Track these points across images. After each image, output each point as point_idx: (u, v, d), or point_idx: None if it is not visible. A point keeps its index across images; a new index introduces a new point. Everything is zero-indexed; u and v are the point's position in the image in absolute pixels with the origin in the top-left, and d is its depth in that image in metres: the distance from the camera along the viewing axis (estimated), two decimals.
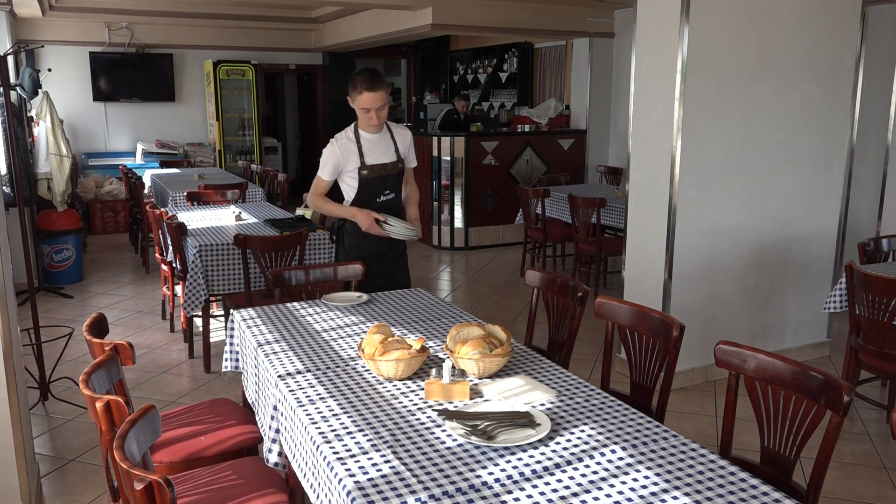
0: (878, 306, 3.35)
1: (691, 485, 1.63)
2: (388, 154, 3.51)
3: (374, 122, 3.40)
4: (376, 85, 3.31)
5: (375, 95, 3.31)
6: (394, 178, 3.53)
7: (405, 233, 3.43)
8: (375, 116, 3.37)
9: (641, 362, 2.57)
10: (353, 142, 3.46)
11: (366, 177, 3.46)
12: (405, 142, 3.58)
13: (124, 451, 1.54)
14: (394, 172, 3.52)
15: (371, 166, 3.46)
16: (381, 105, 3.35)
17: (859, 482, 3.27)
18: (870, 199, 5.89)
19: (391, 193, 3.55)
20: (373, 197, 3.50)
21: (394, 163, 3.52)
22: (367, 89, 3.31)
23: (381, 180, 3.49)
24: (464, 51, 11.45)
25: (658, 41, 4.10)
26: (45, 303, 5.95)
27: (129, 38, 9.68)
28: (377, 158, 3.48)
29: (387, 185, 3.52)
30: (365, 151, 3.46)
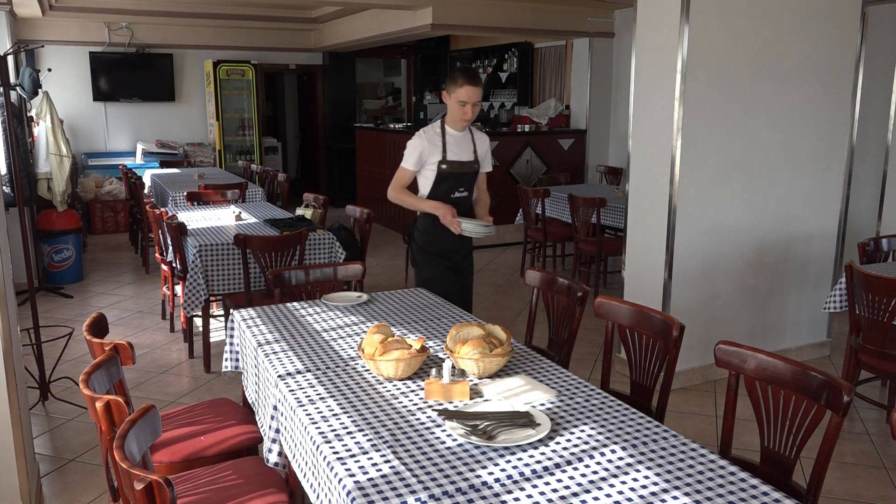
0: (878, 306, 3.35)
1: (691, 485, 1.63)
2: (468, 153, 3.60)
3: (467, 117, 3.46)
4: (476, 80, 3.41)
5: (474, 90, 3.40)
6: (469, 178, 3.62)
7: (480, 230, 3.48)
8: (470, 111, 3.44)
9: (641, 362, 2.57)
10: (438, 135, 3.56)
11: (445, 171, 3.54)
12: (483, 145, 3.68)
13: (124, 451, 1.54)
14: (470, 172, 3.61)
15: (451, 162, 3.54)
16: (476, 100, 3.43)
17: (859, 482, 3.27)
18: (870, 198, 5.89)
19: (464, 192, 3.63)
20: (447, 192, 3.58)
21: (471, 162, 3.60)
22: (468, 83, 3.40)
23: (457, 177, 3.57)
24: (464, 51, 11.45)
25: (658, 41, 4.10)
26: (45, 303, 5.95)
27: (129, 38, 9.68)
28: (457, 155, 3.56)
29: (462, 183, 3.61)
30: (448, 147, 3.54)
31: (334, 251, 4.63)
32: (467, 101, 3.42)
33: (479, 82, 3.44)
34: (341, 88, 11.32)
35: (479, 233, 3.49)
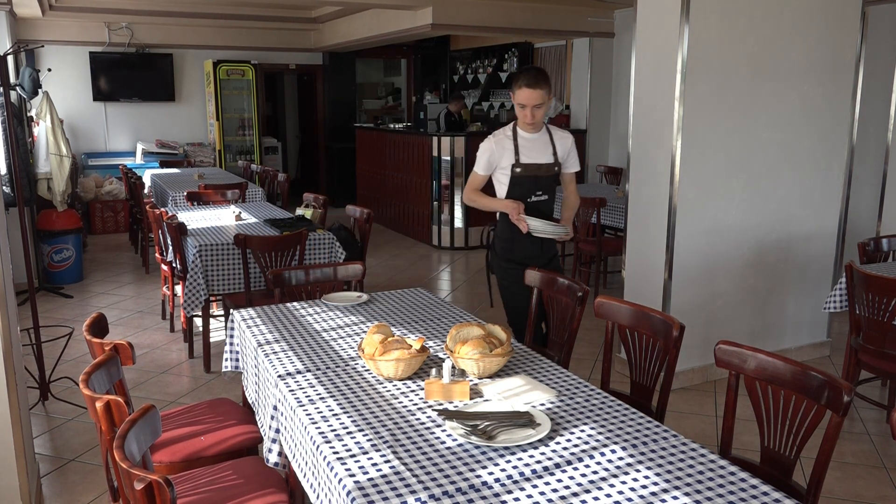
0: (878, 306, 3.35)
1: (691, 485, 1.63)
2: (545, 155, 3.46)
3: (528, 120, 3.35)
4: (536, 83, 3.28)
5: (533, 93, 3.28)
6: (548, 181, 3.48)
7: (548, 229, 3.33)
8: (530, 114, 3.32)
9: (641, 362, 2.57)
10: (510, 139, 3.44)
11: (518, 175, 3.42)
12: (565, 145, 3.51)
13: (124, 451, 1.54)
14: (548, 174, 3.47)
15: (525, 164, 3.42)
16: (537, 103, 3.30)
17: (859, 482, 3.27)
18: (870, 198, 5.89)
19: (543, 195, 3.49)
20: (524, 196, 3.45)
21: (549, 164, 3.46)
22: (526, 85, 3.29)
23: (533, 180, 3.45)
24: (464, 51, 11.45)
25: (658, 41, 4.10)
26: (45, 303, 5.94)
27: (129, 37, 9.68)
28: (532, 158, 3.43)
29: (539, 186, 3.47)
30: (521, 149, 3.42)
31: (334, 251, 4.63)
32: (526, 103, 3.31)
33: (540, 84, 3.29)
34: (341, 88, 11.32)
35: (548, 232, 3.33)
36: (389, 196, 9.41)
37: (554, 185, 3.53)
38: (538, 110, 3.33)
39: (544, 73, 3.35)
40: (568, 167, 3.57)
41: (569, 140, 3.54)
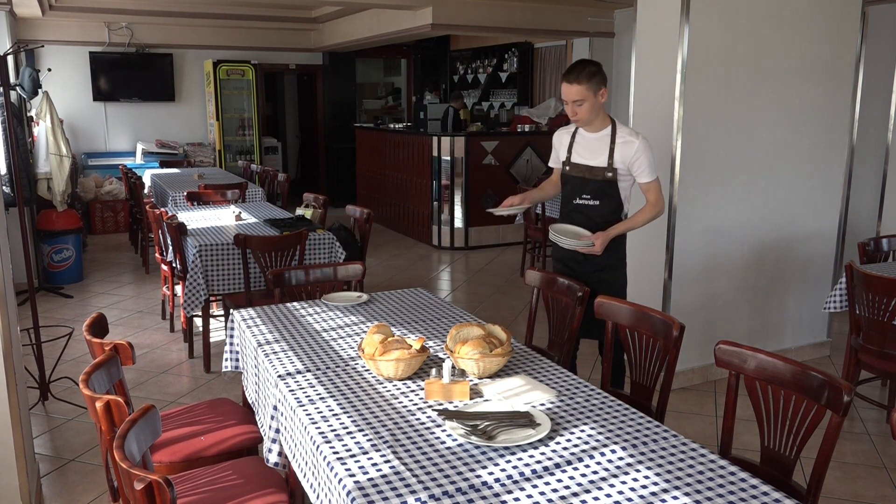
0: (879, 306, 3.35)
1: (691, 485, 1.63)
2: (598, 157, 3.18)
3: (574, 117, 3.15)
4: (573, 76, 3.06)
5: (570, 88, 3.06)
6: (596, 185, 3.20)
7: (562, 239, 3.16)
8: (572, 110, 3.12)
9: (641, 362, 2.57)
10: (569, 134, 3.32)
11: (566, 173, 3.29)
12: (626, 151, 3.13)
13: (124, 451, 1.54)
14: (598, 178, 3.19)
15: (574, 164, 3.25)
16: (575, 99, 3.07)
17: (859, 482, 3.27)
18: (870, 198, 5.89)
19: (592, 200, 3.22)
20: (570, 196, 3.29)
21: (601, 168, 3.17)
22: (564, 79, 3.11)
23: (580, 182, 3.24)
24: (464, 50, 11.45)
25: (658, 41, 4.10)
26: (45, 303, 5.94)
27: (129, 37, 9.68)
28: (583, 158, 3.23)
29: (588, 189, 3.22)
30: (574, 147, 3.26)
31: (334, 251, 4.62)
32: (566, 99, 3.11)
33: (578, 78, 3.04)
34: (341, 88, 11.32)
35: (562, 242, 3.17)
36: (389, 196, 9.41)
37: (608, 191, 3.19)
38: (579, 107, 3.08)
39: (590, 67, 3.09)
40: (638, 176, 3.18)
41: (633, 145, 3.12)
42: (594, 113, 3.12)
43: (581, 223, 3.23)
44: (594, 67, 3.09)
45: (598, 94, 3.09)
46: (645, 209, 3.22)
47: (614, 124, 3.20)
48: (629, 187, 3.22)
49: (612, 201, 3.21)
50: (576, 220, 3.25)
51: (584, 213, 3.25)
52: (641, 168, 3.14)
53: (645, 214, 3.23)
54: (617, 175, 3.16)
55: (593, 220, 3.22)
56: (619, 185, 3.18)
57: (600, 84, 3.08)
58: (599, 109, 3.14)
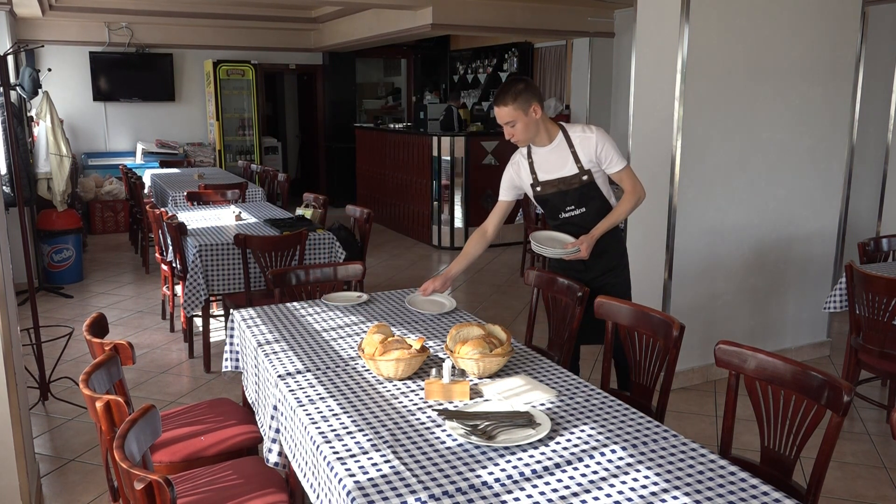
0: (879, 306, 3.35)
1: (691, 485, 1.63)
2: (565, 166, 3.07)
3: (509, 138, 3.06)
4: (499, 99, 2.95)
5: (500, 112, 2.96)
6: (577, 192, 3.08)
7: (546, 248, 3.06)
8: (508, 132, 3.02)
9: (641, 362, 2.57)
10: (525, 157, 3.16)
11: (540, 194, 3.13)
12: (588, 148, 3.04)
13: (124, 451, 1.54)
14: (575, 185, 3.07)
15: (544, 182, 3.11)
16: (508, 121, 2.96)
17: (859, 482, 3.27)
18: (870, 198, 5.89)
19: (577, 209, 3.12)
20: (555, 213, 3.17)
21: (574, 175, 3.06)
22: (493, 102, 3.00)
23: (559, 196, 3.11)
24: (464, 50, 11.45)
25: (658, 41, 4.10)
26: (45, 303, 5.94)
27: (129, 37, 9.68)
28: (551, 173, 3.09)
29: (569, 201, 3.11)
30: (536, 167, 3.12)
31: (334, 251, 4.63)
32: (500, 122, 3.01)
33: (505, 100, 2.92)
34: (341, 88, 11.32)
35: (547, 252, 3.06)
36: (389, 196, 9.41)
37: (590, 194, 3.10)
38: (513, 128, 2.98)
39: (515, 86, 2.95)
40: (608, 167, 3.09)
41: (591, 139, 3.05)
42: (532, 130, 3.01)
43: (574, 234, 3.10)
44: (521, 85, 2.95)
45: (531, 111, 2.95)
46: (624, 199, 3.11)
47: (563, 129, 3.09)
48: (606, 183, 3.15)
49: (597, 202, 3.12)
50: (569, 233, 3.13)
51: (575, 224, 3.13)
52: (609, 157, 3.05)
53: (625, 205, 3.10)
54: (592, 175, 3.08)
55: (585, 228, 3.09)
56: (597, 184, 3.10)
57: (529, 101, 2.94)
58: (538, 124, 3.01)
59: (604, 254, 3.12)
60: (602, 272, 3.16)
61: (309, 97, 11.83)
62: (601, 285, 3.09)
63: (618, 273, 3.21)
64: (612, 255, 3.19)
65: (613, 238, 3.19)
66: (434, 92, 11.31)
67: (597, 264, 3.14)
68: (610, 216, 3.10)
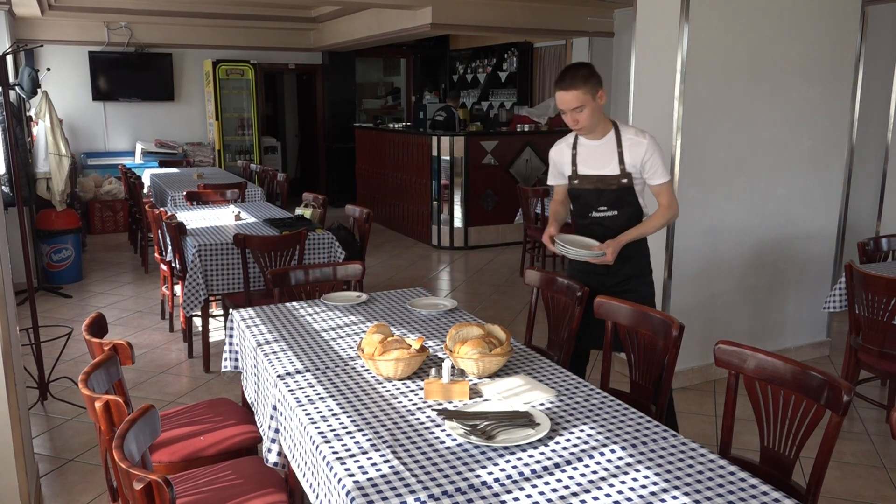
0: (878, 306, 3.35)
1: (691, 484, 1.63)
2: (609, 165, 2.96)
3: (571, 125, 2.93)
4: (566, 82, 2.83)
5: (566, 96, 2.84)
6: (613, 194, 2.97)
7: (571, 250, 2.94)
8: (572, 119, 2.90)
9: (641, 362, 2.57)
10: (569, 147, 3.06)
11: (575, 187, 3.03)
12: (636, 153, 2.93)
13: (123, 451, 1.54)
14: (613, 186, 2.96)
15: (582, 176, 3.00)
16: (574, 107, 2.85)
17: (859, 482, 3.27)
18: (869, 198, 5.89)
19: (609, 210, 3.00)
20: (585, 211, 3.06)
21: (615, 176, 2.95)
22: (557, 87, 2.87)
23: (594, 193, 3.00)
24: (463, 50, 11.44)
25: (658, 41, 4.09)
26: (44, 302, 5.94)
27: (129, 37, 9.67)
28: (592, 168, 2.99)
29: (603, 201, 2.99)
30: (579, 159, 3.02)
31: (334, 251, 4.62)
32: (562, 108, 2.90)
33: (572, 84, 2.82)
34: (341, 88, 11.31)
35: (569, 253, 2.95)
36: (389, 196, 9.41)
37: (626, 198, 2.98)
38: (580, 114, 2.86)
39: (583, 70, 2.86)
40: (649, 178, 2.97)
41: (642, 146, 2.92)
42: (596, 118, 2.91)
43: (601, 236, 2.99)
44: (587, 70, 2.88)
45: (597, 97, 2.88)
46: (658, 213, 3.01)
47: (616, 127, 3.00)
48: (643, 190, 3.03)
49: (631, 208, 3.00)
50: (595, 234, 3.02)
51: (604, 225, 3.02)
52: (654, 168, 2.94)
53: (658, 219, 3.01)
54: (632, 180, 2.96)
55: (614, 231, 2.98)
56: (635, 190, 2.98)
57: (597, 86, 2.87)
58: (601, 113, 2.94)
59: (629, 260, 3.02)
60: (625, 278, 3.04)
61: (308, 97, 11.83)
62: (622, 291, 2.96)
63: (640, 281, 3.09)
64: (637, 262, 3.08)
65: (640, 246, 3.08)
66: (434, 92, 11.31)
67: (620, 269, 3.02)
68: (640, 226, 2.99)
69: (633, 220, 3.01)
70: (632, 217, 3.01)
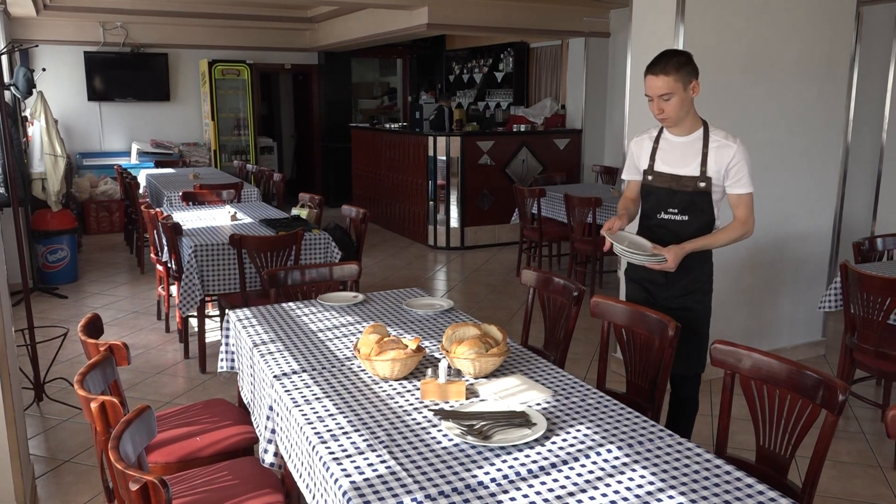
0: (873, 305, 3.36)
1: (687, 484, 1.64)
2: (689, 165, 2.74)
3: (656, 114, 2.72)
4: (658, 67, 2.65)
5: (656, 81, 2.65)
6: (687, 197, 2.74)
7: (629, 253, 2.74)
8: (657, 107, 2.70)
9: (637, 362, 2.57)
10: (651, 139, 2.87)
11: (649, 183, 2.83)
12: (722, 157, 2.70)
13: (119, 452, 1.53)
14: (688, 189, 2.74)
15: (658, 173, 2.80)
16: (662, 93, 2.65)
17: (854, 481, 3.28)
18: (865, 198, 5.91)
19: (680, 214, 2.77)
20: (654, 210, 2.84)
21: (692, 178, 2.73)
22: (648, 72, 2.68)
23: (667, 193, 2.78)
24: (459, 50, 11.45)
25: (653, 41, 4.10)
26: (40, 303, 5.93)
27: (124, 37, 9.65)
28: (670, 166, 2.78)
29: (675, 202, 2.77)
30: (659, 154, 2.81)
31: (330, 251, 4.62)
32: (649, 94, 2.70)
33: (665, 69, 2.63)
34: (337, 88, 11.31)
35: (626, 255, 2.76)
36: (385, 196, 9.41)
37: (700, 204, 2.75)
38: (666, 102, 2.66)
39: (678, 57, 2.67)
40: (731, 186, 2.74)
41: (730, 150, 2.70)
42: (684, 109, 2.70)
43: (665, 241, 2.76)
44: (683, 57, 2.68)
45: (690, 88, 2.67)
46: (732, 226, 2.75)
47: (706, 126, 2.79)
48: (721, 199, 2.79)
49: (704, 216, 2.76)
50: (660, 238, 2.79)
51: (670, 230, 2.79)
52: (738, 177, 2.70)
53: (730, 232, 2.75)
54: (711, 185, 2.72)
55: (680, 237, 2.75)
56: (712, 196, 2.75)
57: (691, 75, 2.66)
58: (690, 106, 2.74)
59: (689, 272, 2.78)
60: (683, 292, 2.82)
61: (304, 97, 11.82)
62: (681, 307, 2.79)
63: (698, 298, 2.84)
64: (699, 276, 2.83)
65: (704, 259, 2.85)
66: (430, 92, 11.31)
67: (680, 280, 2.80)
68: (708, 236, 2.75)
69: (704, 229, 2.77)
70: (703, 226, 2.77)
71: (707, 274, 2.87)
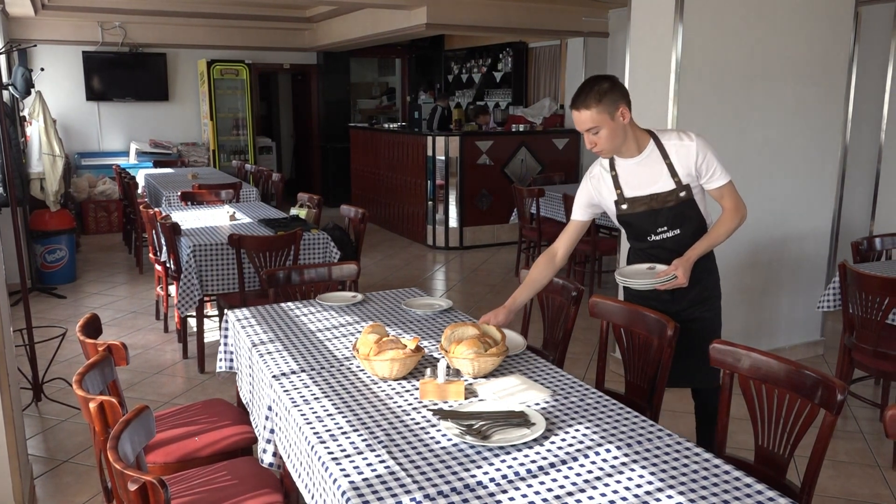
0: (872, 305, 3.37)
1: (686, 483, 1.64)
2: (658, 181, 2.62)
3: (591, 148, 2.60)
4: (579, 101, 2.51)
5: (580, 116, 2.52)
6: (671, 211, 2.64)
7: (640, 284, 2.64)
8: (589, 141, 2.57)
9: (636, 361, 2.57)
10: (606, 171, 2.70)
11: (625, 212, 2.68)
12: (687, 158, 2.60)
13: (118, 452, 1.53)
14: (670, 203, 2.63)
15: (632, 199, 2.65)
16: (589, 128, 2.52)
17: (853, 480, 3.28)
18: (863, 198, 5.92)
19: (670, 230, 2.68)
20: (642, 236, 2.73)
21: (669, 191, 2.62)
22: (572, 106, 2.56)
23: (650, 215, 2.66)
24: (458, 50, 11.45)
25: (652, 41, 4.10)
26: (38, 303, 5.92)
27: (123, 37, 9.65)
28: (640, 188, 2.65)
29: (661, 221, 2.67)
30: (622, 181, 2.67)
31: (329, 251, 4.62)
32: (579, 129, 2.57)
33: (587, 101, 2.48)
34: (336, 88, 11.31)
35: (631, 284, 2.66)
36: (384, 196, 9.40)
37: (688, 213, 2.67)
38: (596, 136, 2.53)
39: (599, 86, 2.50)
40: (708, 182, 2.65)
41: (691, 148, 2.59)
42: (619, 138, 2.56)
43: (665, 260, 2.68)
44: (606, 84, 2.50)
45: (618, 115, 2.51)
46: (725, 218, 2.68)
47: (655, 136, 2.65)
48: (704, 199, 2.72)
49: (694, 222, 2.69)
50: (658, 258, 2.71)
51: (666, 248, 2.70)
52: (711, 171, 2.62)
53: (727, 224, 2.68)
54: (691, 191, 2.64)
55: (678, 252, 2.65)
56: (695, 201, 2.67)
57: (618, 102, 2.49)
58: (626, 131, 2.57)
59: (697, 283, 2.69)
60: (691, 304, 2.73)
61: (303, 97, 11.82)
62: (690, 318, 2.70)
63: (708, 306, 2.77)
64: (706, 284, 2.76)
65: (709, 267, 2.79)
66: (429, 92, 11.31)
67: (686, 295, 2.71)
68: (708, 236, 2.67)
69: (699, 233, 2.69)
70: (697, 232, 2.69)
71: (714, 281, 2.82)
